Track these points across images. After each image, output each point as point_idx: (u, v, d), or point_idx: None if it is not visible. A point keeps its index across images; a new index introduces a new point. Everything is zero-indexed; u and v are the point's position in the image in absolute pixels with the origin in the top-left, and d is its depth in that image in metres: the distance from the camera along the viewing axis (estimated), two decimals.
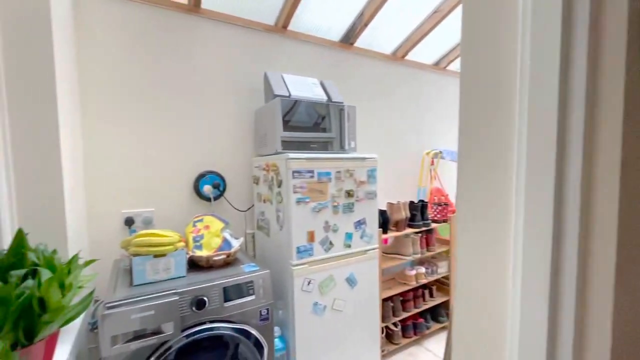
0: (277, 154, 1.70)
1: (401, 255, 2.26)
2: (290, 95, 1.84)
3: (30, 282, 0.75)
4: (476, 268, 0.67)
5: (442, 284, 2.60)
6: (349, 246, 1.78)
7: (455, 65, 3.14)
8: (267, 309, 1.43)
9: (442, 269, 2.50)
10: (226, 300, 1.33)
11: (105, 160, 1.69)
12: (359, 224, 1.81)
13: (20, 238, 0.82)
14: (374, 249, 1.88)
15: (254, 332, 1.37)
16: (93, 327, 1.29)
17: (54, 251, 0.90)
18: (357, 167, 1.79)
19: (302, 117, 1.90)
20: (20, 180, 1.07)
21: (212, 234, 1.60)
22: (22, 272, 0.78)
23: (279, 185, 1.67)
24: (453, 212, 2.56)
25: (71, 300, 0.83)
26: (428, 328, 2.42)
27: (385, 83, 2.71)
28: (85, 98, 1.63)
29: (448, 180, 3.07)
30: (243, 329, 1.34)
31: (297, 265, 1.61)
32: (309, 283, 1.64)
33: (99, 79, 1.66)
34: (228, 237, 1.62)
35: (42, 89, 1.10)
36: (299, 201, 1.59)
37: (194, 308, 1.25)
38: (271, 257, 1.83)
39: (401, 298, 2.30)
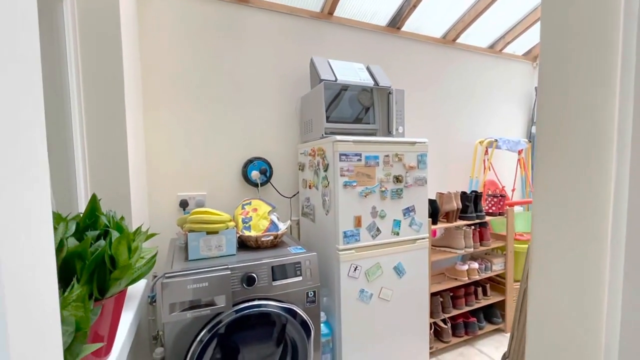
0: (324, 138, 1.68)
1: (452, 248, 2.13)
2: (336, 79, 1.81)
3: (102, 242, 0.80)
4: (561, 271, 0.60)
5: (497, 283, 2.40)
6: (397, 234, 1.70)
7: (512, 48, 2.89)
8: (314, 292, 1.42)
9: (497, 266, 2.31)
10: (274, 279, 1.34)
11: (164, 145, 1.80)
12: (408, 211, 1.73)
13: (94, 202, 0.89)
14: (423, 238, 1.78)
15: (301, 312, 1.36)
16: (152, 300, 1.37)
17: (122, 218, 0.96)
18: (406, 151, 1.71)
19: (345, 110, 1.87)
20: (92, 157, 1.16)
21: (260, 217, 1.63)
22: (95, 233, 0.84)
23: (326, 169, 1.65)
24: (510, 205, 2.36)
25: (137, 263, 0.88)
26: (481, 328, 2.25)
27: (434, 68, 2.58)
28: (148, 88, 1.75)
29: (503, 171, 2.84)
30: (290, 309, 1.34)
31: (343, 250, 1.57)
32: (355, 269, 1.60)
33: (158, 70, 1.77)
34: (275, 219, 1.64)
35: (112, 81, 1.18)
36: (345, 185, 1.56)
37: (244, 284, 1.27)
38: (317, 242, 1.82)
39: (451, 294, 2.16)
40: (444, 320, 2.12)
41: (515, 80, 2.97)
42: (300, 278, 1.39)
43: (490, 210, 2.29)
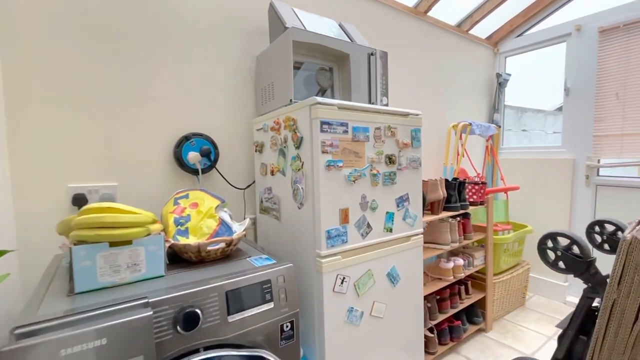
0: (293, 104, 1.22)
1: (438, 244, 1.83)
2: (305, 28, 1.36)
3: None
4: None
5: (477, 279, 2.20)
6: (390, 230, 1.32)
7: (477, 30, 2.75)
8: (292, 322, 0.95)
9: (478, 261, 2.10)
10: (230, 312, 0.84)
11: (38, 109, 1.14)
12: (402, 200, 1.36)
13: None
14: (418, 234, 1.44)
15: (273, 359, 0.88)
16: None
17: None
18: (399, 124, 1.33)
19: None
20: None
21: (204, 215, 1.10)
22: None
23: (298, 146, 1.19)
24: (490, 192, 2.17)
25: None
26: (465, 331, 2.01)
27: (406, 42, 2.28)
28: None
29: (476, 158, 2.69)
30: (258, 357, 0.85)
31: (327, 256, 1.13)
32: (342, 281, 1.17)
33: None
34: (227, 218, 1.12)
35: None
36: (329, 165, 1.12)
37: (180, 328, 0.75)
38: (284, 247, 1.34)
39: (437, 297, 1.88)
40: (430, 329, 1.82)
41: (480, 65, 2.85)
42: (271, 305, 0.91)
43: (471, 200, 2.07)
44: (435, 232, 1.86)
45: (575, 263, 1.26)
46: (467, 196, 2.04)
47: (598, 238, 1.55)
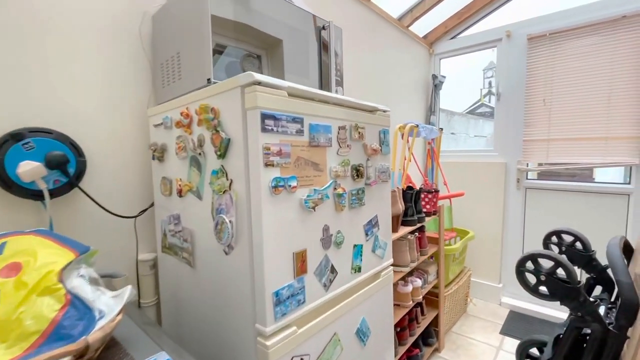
0: (214, 84, 0.75)
1: (397, 266, 1.55)
2: None
3: None
4: None
5: (431, 295, 2.02)
6: (359, 270, 0.96)
7: (416, 28, 2.61)
8: None
9: (431, 277, 1.91)
10: None
11: None
12: (371, 226, 1.01)
13: None
14: (388, 267, 1.11)
15: None
16: None
17: None
18: (367, 122, 0.98)
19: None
20: None
21: (30, 290, 0.55)
22: None
23: (223, 153, 0.72)
24: (442, 198, 2.01)
25: None
26: (422, 357, 1.80)
27: (348, 31, 1.96)
28: None
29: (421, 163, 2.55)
30: None
31: (276, 333, 0.70)
32: None
33: None
34: (84, 290, 0.60)
35: None
36: (277, 186, 0.69)
37: None
38: (200, 318, 0.86)
39: (398, 328, 1.60)
40: None
41: (418, 64, 2.73)
42: None
43: (425, 209, 1.86)
44: (394, 252, 1.57)
45: (563, 289, 1.09)
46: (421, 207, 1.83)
47: (556, 249, 1.46)
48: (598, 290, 1.34)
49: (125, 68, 1.01)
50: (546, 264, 1.14)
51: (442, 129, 2.44)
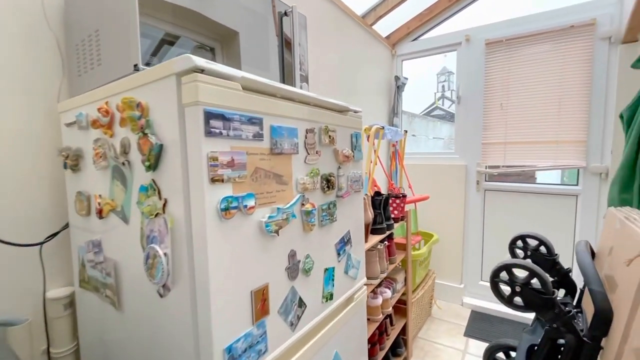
0: (143, 72, 0.56)
1: (368, 278, 1.45)
2: None
3: None
4: None
5: (399, 303, 1.95)
6: (331, 297, 0.82)
7: (379, 27, 2.55)
8: None
9: (399, 285, 1.84)
10: None
11: None
12: (343, 244, 0.87)
13: None
14: (360, 288, 0.98)
15: None
16: None
17: None
18: (338, 124, 0.84)
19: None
20: None
21: None
22: None
23: (154, 163, 0.54)
24: (409, 202, 1.95)
25: None
26: None
27: (313, 25, 1.82)
28: None
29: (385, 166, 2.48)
30: None
31: None
32: None
33: None
34: None
35: None
36: (228, 208, 0.52)
37: None
38: None
39: (369, 344, 1.49)
40: None
41: (381, 65, 2.68)
42: None
43: (393, 215, 1.78)
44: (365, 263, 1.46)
45: (539, 300, 1.05)
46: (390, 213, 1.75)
47: (521, 253, 1.45)
48: (561, 293, 1.35)
49: (25, 48, 0.77)
50: (521, 273, 1.10)
51: (406, 131, 2.40)
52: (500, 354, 1.42)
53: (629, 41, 1.76)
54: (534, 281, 1.08)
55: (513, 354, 1.42)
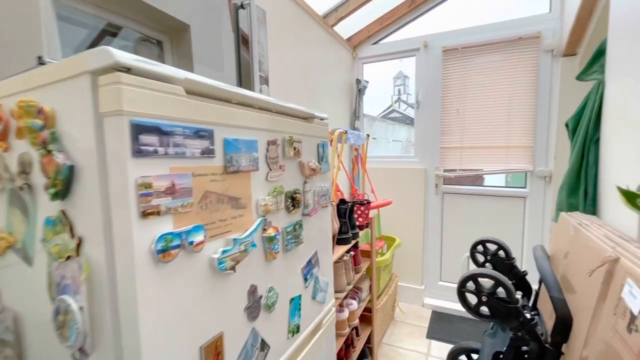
0: (50, 66, 0.42)
1: (335, 292, 1.37)
2: None
3: None
4: None
5: (364, 311, 1.91)
6: (297, 330, 0.72)
7: (342, 29, 2.51)
8: None
9: (364, 293, 1.80)
10: None
11: None
12: (310, 267, 0.78)
13: None
14: (330, 311, 0.90)
15: None
16: None
17: None
18: (304, 133, 0.75)
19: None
20: None
21: None
22: None
23: (62, 190, 0.40)
24: (373, 208, 1.92)
25: None
26: None
27: (269, 22, 1.70)
28: None
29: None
30: None
31: None
32: None
33: None
34: None
35: None
36: (165, 249, 0.40)
37: None
38: None
39: None
40: None
41: (342, 67, 2.64)
42: None
43: (358, 222, 1.73)
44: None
45: (504, 309, 1.06)
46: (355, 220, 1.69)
47: (481, 257, 1.48)
48: (518, 294, 1.39)
49: None
50: (486, 283, 1.09)
51: (368, 135, 2.38)
52: (463, 357, 1.43)
53: (569, 54, 1.89)
54: (500, 290, 1.08)
55: (475, 356, 1.44)
